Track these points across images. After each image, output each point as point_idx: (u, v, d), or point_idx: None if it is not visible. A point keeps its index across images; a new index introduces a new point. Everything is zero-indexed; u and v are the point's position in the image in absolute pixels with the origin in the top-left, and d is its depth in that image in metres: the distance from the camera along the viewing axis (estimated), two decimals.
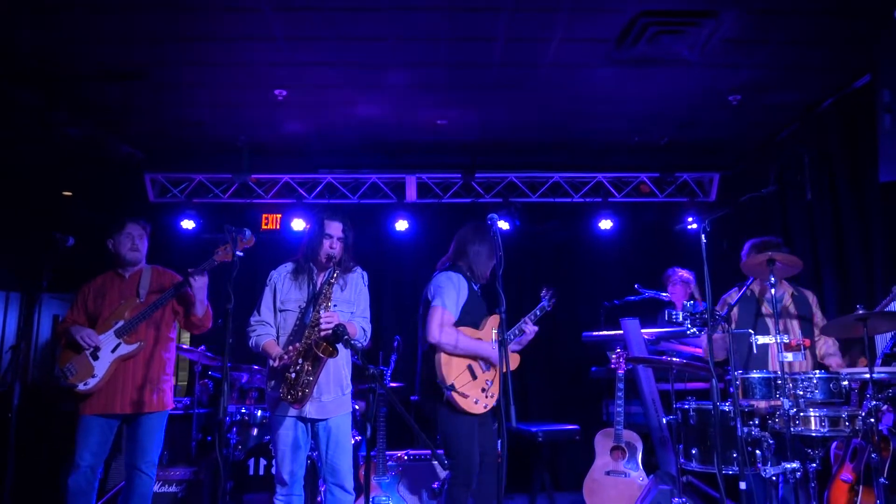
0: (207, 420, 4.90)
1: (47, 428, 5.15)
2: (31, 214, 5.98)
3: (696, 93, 5.08)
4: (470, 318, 3.65)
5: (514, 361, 3.79)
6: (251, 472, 4.60)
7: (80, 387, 3.51)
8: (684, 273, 5.42)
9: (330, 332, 3.04)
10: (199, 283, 3.67)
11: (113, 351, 3.58)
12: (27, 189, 6.18)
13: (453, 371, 3.52)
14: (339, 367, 3.39)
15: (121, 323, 3.62)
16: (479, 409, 3.55)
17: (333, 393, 3.35)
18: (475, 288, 3.76)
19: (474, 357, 3.60)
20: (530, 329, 3.72)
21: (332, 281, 3.32)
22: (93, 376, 3.52)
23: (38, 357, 6.49)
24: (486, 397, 3.60)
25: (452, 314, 3.57)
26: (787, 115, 5.48)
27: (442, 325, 3.52)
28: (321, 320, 3.18)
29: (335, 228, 3.44)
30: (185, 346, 4.76)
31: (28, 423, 4.75)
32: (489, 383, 3.61)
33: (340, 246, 3.45)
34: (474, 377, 3.57)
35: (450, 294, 3.59)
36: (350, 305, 3.45)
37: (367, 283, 3.59)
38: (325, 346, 3.10)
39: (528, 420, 5.85)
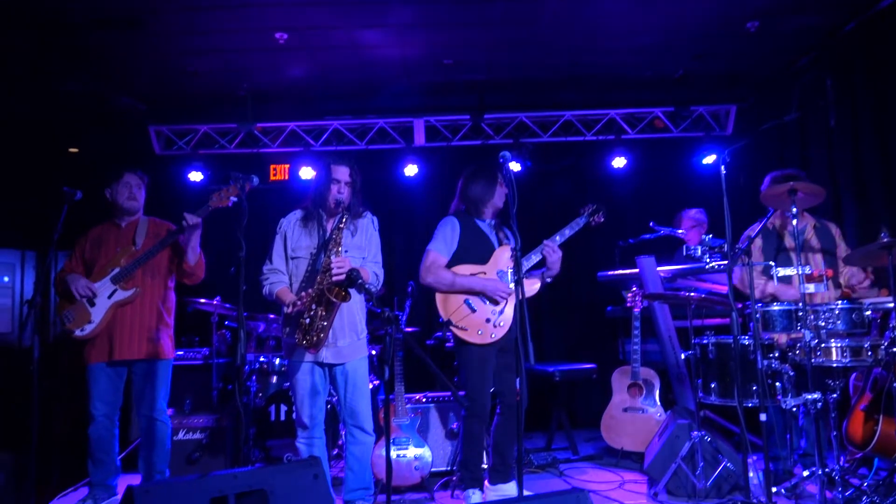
0: (227, 369, 4.97)
1: (68, 381, 5.24)
2: (42, 173, 5.98)
3: (711, 21, 4.86)
4: (472, 253, 3.66)
5: (534, 287, 3.71)
6: (272, 419, 4.68)
7: (77, 332, 3.56)
8: (696, 213, 5.30)
9: (343, 277, 3.03)
10: (192, 229, 3.63)
11: (109, 297, 3.61)
12: (35, 148, 6.16)
13: (451, 307, 3.60)
14: (353, 312, 3.39)
15: (116, 270, 3.63)
16: (485, 339, 3.56)
17: (349, 338, 3.36)
18: (480, 224, 3.75)
19: (469, 293, 3.62)
20: (550, 251, 3.57)
21: (342, 226, 3.29)
22: (90, 322, 3.57)
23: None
24: (494, 327, 3.59)
25: (442, 255, 3.64)
26: (808, 42, 5.24)
27: (428, 267, 3.62)
28: (332, 265, 3.16)
29: (342, 173, 3.42)
30: (202, 300, 4.78)
31: (49, 376, 4.83)
32: (496, 313, 3.61)
33: (349, 191, 3.43)
34: (473, 310, 3.59)
35: (440, 237, 3.67)
36: (361, 251, 3.43)
37: (377, 228, 3.56)
38: (338, 291, 3.10)
39: (544, 360, 5.88)
